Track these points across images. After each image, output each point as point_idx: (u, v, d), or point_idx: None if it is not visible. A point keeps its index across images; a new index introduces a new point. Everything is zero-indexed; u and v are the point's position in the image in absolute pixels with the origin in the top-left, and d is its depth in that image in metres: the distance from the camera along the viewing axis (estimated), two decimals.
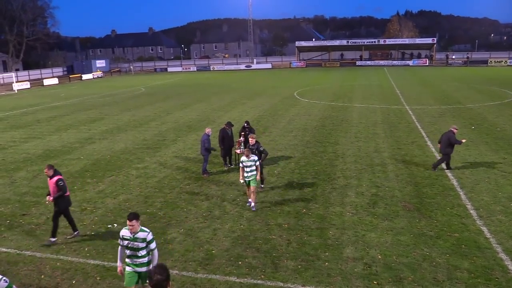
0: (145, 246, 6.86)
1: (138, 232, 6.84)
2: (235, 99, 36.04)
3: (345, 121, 24.12)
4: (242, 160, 11.60)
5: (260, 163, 12.00)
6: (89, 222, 11.32)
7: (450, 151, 14.36)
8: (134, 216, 6.82)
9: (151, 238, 6.91)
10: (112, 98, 41.01)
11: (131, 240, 6.84)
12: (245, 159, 11.51)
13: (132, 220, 6.76)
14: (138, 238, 6.82)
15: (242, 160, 11.59)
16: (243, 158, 11.57)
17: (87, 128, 24.97)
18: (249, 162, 11.45)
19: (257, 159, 11.62)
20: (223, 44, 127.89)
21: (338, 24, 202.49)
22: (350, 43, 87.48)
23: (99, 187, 14.16)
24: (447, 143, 14.19)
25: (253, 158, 11.50)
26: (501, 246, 9.22)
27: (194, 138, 20.92)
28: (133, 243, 6.83)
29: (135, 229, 6.80)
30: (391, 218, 10.89)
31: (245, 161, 11.50)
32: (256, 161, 11.53)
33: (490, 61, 73.68)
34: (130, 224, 6.77)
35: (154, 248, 6.98)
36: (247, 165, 11.48)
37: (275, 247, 9.56)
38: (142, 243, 6.83)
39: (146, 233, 6.86)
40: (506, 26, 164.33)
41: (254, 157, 11.57)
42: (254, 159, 11.51)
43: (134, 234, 6.82)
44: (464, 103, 29.61)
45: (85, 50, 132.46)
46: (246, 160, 11.48)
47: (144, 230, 6.91)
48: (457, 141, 14.10)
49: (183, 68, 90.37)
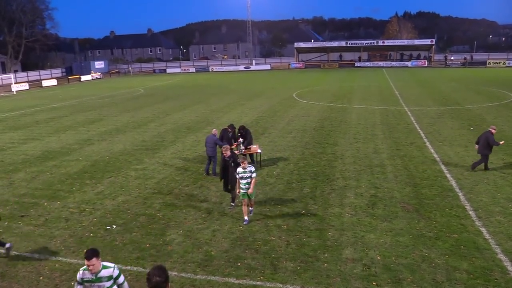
0: (112, 283, 5.87)
1: (101, 271, 5.84)
2: (234, 100, 36.05)
3: (344, 122, 24.14)
4: (238, 171, 10.80)
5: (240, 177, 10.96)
6: (88, 224, 11.31)
7: (488, 152, 14.23)
8: (92, 253, 5.73)
9: (118, 272, 5.94)
10: (111, 99, 40.99)
11: (95, 281, 5.84)
12: (241, 171, 10.70)
13: (91, 259, 5.71)
14: (102, 278, 5.83)
15: (238, 171, 10.78)
16: (239, 169, 10.74)
17: (86, 130, 24.95)
18: (246, 174, 10.69)
19: (254, 170, 10.81)
20: (222, 45, 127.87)
21: (336, 25, 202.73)
22: (349, 44, 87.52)
23: (98, 188, 14.14)
24: (485, 144, 14.13)
25: (250, 169, 10.72)
26: (500, 247, 9.23)
27: (193, 139, 20.91)
28: (97, 284, 5.84)
29: (96, 268, 5.78)
30: (390, 219, 10.89)
31: (241, 173, 10.70)
32: (252, 172, 10.74)
33: (488, 62, 73.79)
34: (89, 264, 5.72)
35: (123, 282, 5.97)
36: (244, 176, 10.71)
37: (274, 248, 9.55)
38: (108, 281, 5.84)
39: (111, 269, 5.89)
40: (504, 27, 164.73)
41: (251, 167, 10.80)
42: (251, 170, 10.72)
43: (96, 274, 5.81)
44: (462, 104, 29.64)
45: (83, 51, 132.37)
46: (242, 172, 10.69)
47: (107, 266, 5.92)
48: (495, 142, 14.01)
49: (182, 69, 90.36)
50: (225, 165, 11.94)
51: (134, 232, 10.63)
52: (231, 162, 11.66)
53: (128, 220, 11.40)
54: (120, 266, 8.87)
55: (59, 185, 14.61)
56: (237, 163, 11.38)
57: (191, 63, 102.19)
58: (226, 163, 11.79)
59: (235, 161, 11.60)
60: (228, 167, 11.81)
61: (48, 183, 14.88)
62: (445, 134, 20.26)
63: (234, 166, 11.42)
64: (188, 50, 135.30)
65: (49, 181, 15.12)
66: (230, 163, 11.66)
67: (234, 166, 11.48)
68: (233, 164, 11.55)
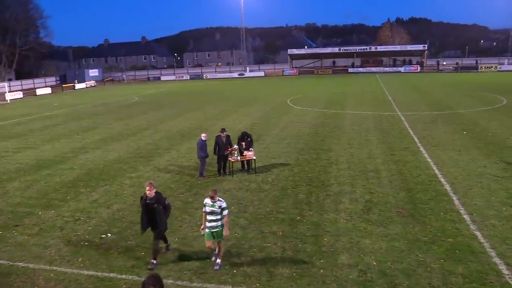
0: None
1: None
2: (228, 107, 36.09)
3: (338, 128, 24.22)
4: (205, 202, 8.98)
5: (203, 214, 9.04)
6: (83, 232, 11.24)
7: None
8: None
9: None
10: (105, 107, 40.91)
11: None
12: (208, 202, 8.85)
13: None
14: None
15: (206, 203, 8.95)
16: (207, 200, 8.90)
17: (80, 138, 24.86)
18: (214, 208, 8.81)
19: (225, 206, 8.86)
20: (216, 53, 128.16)
21: (329, 31, 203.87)
22: (342, 51, 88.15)
23: (93, 197, 14.07)
24: None
25: (219, 203, 8.78)
26: (495, 251, 9.27)
27: (187, 147, 20.89)
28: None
29: None
30: (385, 224, 10.91)
31: (209, 205, 8.85)
32: (223, 209, 8.82)
33: (480, 67, 74.53)
34: None
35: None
36: (211, 211, 8.86)
37: (269, 255, 9.54)
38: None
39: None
40: (495, 32, 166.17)
41: (221, 202, 8.81)
42: (221, 206, 8.79)
43: None
44: (455, 108, 29.86)
45: (78, 60, 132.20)
46: (209, 204, 8.84)
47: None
48: None
49: (176, 76, 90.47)
50: (148, 210, 8.93)
51: (129, 241, 10.58)
52: (154, 204, 8.91)
53: (123, 229, 11.35)
54: (115, 275, 8.86)
55: (54, 194, 14.52)
56: (165, 205, 9.10)
57: (185, 70, 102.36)
58: (149, 207, 8.95)
59: (162, 202, 9.04)
60: (153, 212, 8.89)
61: (43, 192, 14.80)
62: (438, 138, 20.38)
63: (163, 208, 9.04)
64: (182, 58, 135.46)
65: (43, 190, 15.03)
66: (154, 206, 8.91)
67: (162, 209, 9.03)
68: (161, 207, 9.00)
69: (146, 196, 8.97)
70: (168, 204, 9.27)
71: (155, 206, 8.88)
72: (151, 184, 9.01)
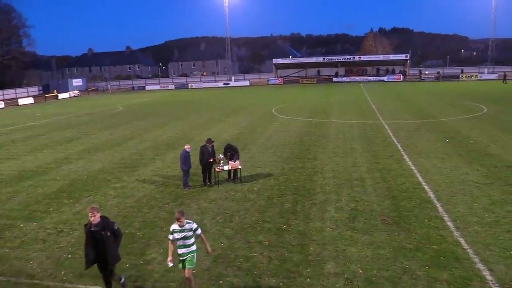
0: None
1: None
2: (213, 117, 36.07)
3: (323, 136, 24.38)
4: (172, 229, 8.00)
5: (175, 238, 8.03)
6: (66, 244, 11.05)
7: None
8: None
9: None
10: (89, 117, 40.51)
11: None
12: (176, 228, 7.92)
13: None
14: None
15: (173, 229, 7.99)
16: (174, 226, 7.96)
17: (64, 148, 24.53)
18: (185, 232, 7.92)
19: (195, 226, 8.04)
20: (201, 62, 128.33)
21: (314, 41, 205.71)
22: (326, 60, 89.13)
23: (76, 208, 13.87)
24: None
25: (189, 226, 7.98)
26: (478, 257, 9.39)
27: (173, 156, 20.77)
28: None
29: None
30: (370, 232, 10.98)
31: (177, 231, 7.92)
32: (194, 230, 8.01)
33: (461, 76, 76.00)
34: None
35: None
36: (183, 236, 7.96)
37: (256, 265, 9.50)
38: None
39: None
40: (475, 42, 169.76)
41: (190, 224, 8.01)
42: (192, 228, 7.98)
43: None
44: (438, 117, 30.34)
45: (61, 69, 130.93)
46: (178, 230, 7.92)
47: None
48: None
49: (161, 86, 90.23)
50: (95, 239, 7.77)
51: None
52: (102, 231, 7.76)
53: None
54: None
55: (36, 206, 14.27)
56: (114, 231, 7.94)
57: (170, 80, 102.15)
58: (95, 235, 7.73)
59: (110, 227, 7.88)
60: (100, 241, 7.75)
61: (24, 204, 14.52)
62: (421, 146, 20.65)
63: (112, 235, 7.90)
64: (167, 67, 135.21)
65: (25, 202, 14.76)
66: (101, 232, 7.75)
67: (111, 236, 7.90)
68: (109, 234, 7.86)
69: (91, 223, 7.75)
70: (118, 230, 8.03)
71: (102, 233, 7.70)
72: (93, 208, 7.83)
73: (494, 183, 14.48)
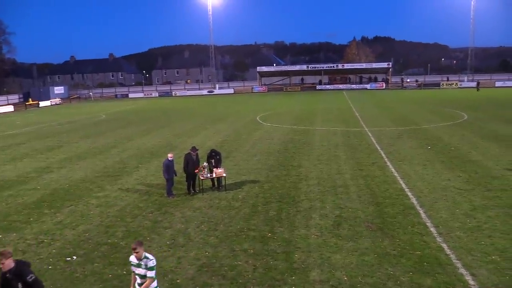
0: None
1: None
2: (198, 125, 35.94)
3: (307, 144, 24.49)
4: (130, 260, 7.31)
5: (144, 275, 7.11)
6: (47, 256, 10.81)
7: None
8: None
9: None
10: (71, 125, 39.95)
11: None
12: (134, 261, 7.21)
13: None
14: None
15: (131, 261, 7.29)
16: (132, 258, 7.26)
17: (45, 157, 24.11)
18: (141, 268, 7.11)
19: (152, 264, 7.05)
20: (185, 70, 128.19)
21: (297, 49, 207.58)
22: (310, 68, 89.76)
23: (57, 218, 13.60)
24: None
25: (146, 262, 7.07)
26: (461, 262, 9.50)
27: (156, 165, 20.59)
28: None
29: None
30: (355, 238, 11.02)
31: (134, 264, 7.22)
32: (149, 268, 7.03)
33: (442, 84, 77.46)
34: None
35: None
36: (136, 272, 7.21)
37: (241, 273, 9.44)
38: None
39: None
40: (455, 51, 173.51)
41: (148, 260, 7.07)
42: (148, 265, 7.05)
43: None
44: (420, 124, 30.78)
45: (42, 77, 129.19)
46: (135, 263, 7.20)
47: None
48: None
49: (145, 94, 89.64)
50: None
51: (96, 263, 10.25)
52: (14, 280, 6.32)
53: (90, 250, 10.99)
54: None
55: (16, 216, 13.95)
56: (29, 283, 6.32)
57: (154, 87, 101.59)
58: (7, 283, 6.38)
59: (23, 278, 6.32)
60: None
61: (4, 214, 14.18)
62: (404, 153, 20.89)
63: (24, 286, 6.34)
64: (151, 75, 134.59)
65: (4, 212, 14.41)
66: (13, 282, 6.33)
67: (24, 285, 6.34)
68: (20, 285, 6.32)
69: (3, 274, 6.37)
70: (34, 281, 6.37)
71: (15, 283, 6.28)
72: (4, 253, 6.40)
73: (475, 189, 14.72)
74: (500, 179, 15.84)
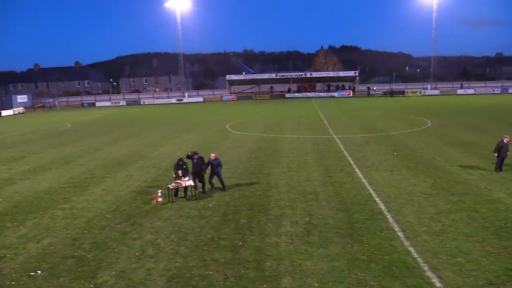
0: None
1: None
2: (167, 133, 35.55)
3: (277, 152, 24.62)
4: None
5: None
6: (9, 271, 10.39)
7: None
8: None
9: None
10: (35, 135, 38.72)
11: None
12: None
13: None
14: None
15: None
16: None
17: (7, 168, 23.24)
18: None
19: None
20: (153, 78, 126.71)
21: (266, 58, 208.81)
22: (278, 76, 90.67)
23: (21, 231, 13.11)
24: None
25: None
26: (428, 265, 9.74)
27: (124, 175, 20.21)
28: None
29: None
30: (325, 245, 11.12)
31: None
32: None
33: (407, 92, 79.75)
34: None
35: None
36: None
37: (212, 283, 9.35)
38: None
39: None
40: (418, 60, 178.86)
41: None
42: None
43: None
44: (386, 131, 31.51)
45: (5, 85, 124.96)
46: None
47: None
48: None
49: (112, 102, 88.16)
50: None
51: (62, 277, 9.93)
52: None
53: (55, 264, 10.64)
54: None
55: None
56: None
57: (121, 96, 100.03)
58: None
59: None
60: None
61: None
62: (372, 159, 21.31)
63: None
64: (119, 83, 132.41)
65: None
66: None
67: None
68: None
69: None
70: None
71: None
72: None
73: (439, 193, 15.16)
74: (463, 184, 16.39)
